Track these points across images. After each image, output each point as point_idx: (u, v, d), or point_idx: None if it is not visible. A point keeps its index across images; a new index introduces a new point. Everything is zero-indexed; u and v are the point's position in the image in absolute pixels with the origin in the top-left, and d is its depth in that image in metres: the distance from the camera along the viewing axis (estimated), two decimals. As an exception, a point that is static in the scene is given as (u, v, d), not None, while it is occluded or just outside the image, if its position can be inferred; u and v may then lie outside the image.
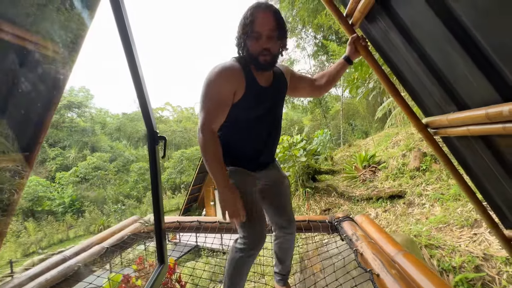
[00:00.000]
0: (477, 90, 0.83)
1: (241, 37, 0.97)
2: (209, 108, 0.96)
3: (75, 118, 26.35)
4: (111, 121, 31.03)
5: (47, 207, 16.75)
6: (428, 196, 4.43)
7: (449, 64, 0.88)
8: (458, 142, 1.05)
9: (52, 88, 1.34)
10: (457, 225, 3.31)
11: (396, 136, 7.33)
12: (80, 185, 18.92)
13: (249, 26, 0.92)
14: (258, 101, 1.04)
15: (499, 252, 2.68)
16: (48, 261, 1.30)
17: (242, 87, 0.98)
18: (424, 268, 1.01)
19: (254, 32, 0.93)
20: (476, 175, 1.09)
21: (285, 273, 1.38)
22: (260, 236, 1.08)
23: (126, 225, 1.81)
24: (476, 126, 0.85)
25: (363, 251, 1.22)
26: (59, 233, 15.27)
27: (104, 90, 58.05)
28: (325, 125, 13.79)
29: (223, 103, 0.97)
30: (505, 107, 0.71)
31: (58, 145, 23.28)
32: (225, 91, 0.96)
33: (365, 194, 5.61)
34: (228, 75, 0.95)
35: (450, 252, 2.88)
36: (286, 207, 1.25)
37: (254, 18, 0.92)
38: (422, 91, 1.05)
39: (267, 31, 0.93)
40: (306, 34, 14.83)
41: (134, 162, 22.85)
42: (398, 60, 1.09)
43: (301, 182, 6.38)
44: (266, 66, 0.98)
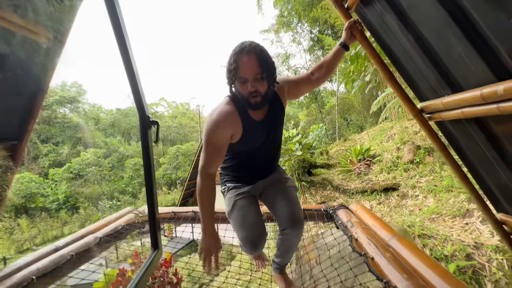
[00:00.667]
0: (472, 72, 0.83)
1: (230, 79, 1.00)
2: (208, 154, 1.04)
3: (67, 114, 25.87)
4: (104, 117, 30.58)
5: (40, 204, 16.53)
6: (422, 188, 4.50)
7: (445, 46, 0.88)
8: (452, 127, 1.05)
9: (40, 73, 1.30)
10: (450, 215, 3.37)
11: (391, 130, 7.39)
12: (74, 181, 18.68)
13: (234, 71, 0.95)
14: (256, 136, 1.11)
15: (489, 241, 2.74)
16: (40, 251, 1.28)
17: (240, 130, 1.06)
18: (418, 251, 1.02)
19: (239, 77, 0.95)
20: (469, 159, 1.09)
21: (282, 264, 1.40)
22: (251, 244, 1.13)
23: (120, 216, 1.79)
24: (471, 108, 0.85)
25: (358, 237, 1.23)
26: (54, 230, 15.10)
27: (97, 85, 57.02)
28: (321, 120, 13.83)
29: (221, 149, 1.06)
30: (500, 86, 0.71)
31: (51, 141, 22.88)
32: (222, 139, 1.04)
33: (360, 187, 5.67)
34: (224, 124, 1.02)
35: (443, 241, 2.94)
36: (287, 206, 1.21)
37: (238, 63, 0.93)
38: (418, 76, 1.05)
39: (252, 75, 0.93)
40: (302, 29, 14.75)
41: (129, 158, 22.62)
42: (394, 45, 1.08)
43: (296, 176, 6.41)
44: (258, 107, 1.01)
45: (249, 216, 1.17)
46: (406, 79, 1.11)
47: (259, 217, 1.20)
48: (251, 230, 1.13)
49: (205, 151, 1.04)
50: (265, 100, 1.01)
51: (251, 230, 1.13)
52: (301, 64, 15.62)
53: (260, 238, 1.14)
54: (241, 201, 1.20)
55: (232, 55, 0.95)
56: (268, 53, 0.98)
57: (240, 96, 1.01)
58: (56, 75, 1.45)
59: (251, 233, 1.13)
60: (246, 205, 1.19)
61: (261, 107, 1.02)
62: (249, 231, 1.13)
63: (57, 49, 1.36)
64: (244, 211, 1.17)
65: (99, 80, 54.40)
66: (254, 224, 1.15)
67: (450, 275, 0.85)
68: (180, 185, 19.30)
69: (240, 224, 1.16)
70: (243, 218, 1.16)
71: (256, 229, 1.14)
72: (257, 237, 1.13)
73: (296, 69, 15.27)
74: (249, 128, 1.06)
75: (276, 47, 16.41)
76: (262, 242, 1.16)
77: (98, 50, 58.49)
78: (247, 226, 1.14)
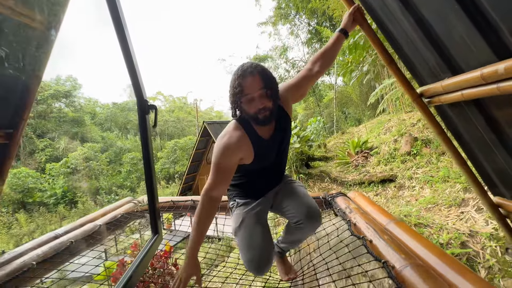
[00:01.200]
0: (473, 53, 0.83)
1: (235, 103, 1.00)
2: (215, 177, 1.02)
3: (63, 108, 25.57)
4: (101, 111, 30.27)
5: (38, 199, 16.49)
6: (418, 179, 4.55)
7: (446, 27, 0.87)
8: (451, 111, 1.05)
9: (34, 59, 1.27)
10: (445, 204, 3.42)
11: (388, 122, 7.42)
12: (71, 176, 18.61)
13: (240, 93, 0.96)
14: (267, 155, 1.12)
15: (484, 229, 2.79)
16: (39, 238, 1.28)
17: (251, 153, 1.06)
18: (415, 233, 1.04)
19: (246, 97, 0.96)
20: (467, 144, 1.10)
21: (286, 250, 1.42)
22: (256, 268, 1.10)
23: (119, 205, 1.79)
24: (470, 90, 0.85)
25: (356, 222, 1.24)
26: (52, 224, 15.12)
27: (92, 79, 56.17)
28: (319, 113, 13.82)
29: (229, 173, 1.05)
30: (501, 65, 0.71)
31: (47, 136, 22.66)
32: (231, 162, 1.03)
33: (358, 179, 5.72)
34: (234, 147, 1.01)
35: (438, 230, 2.99)
36: (302, 203, 1.20)
37: (243, 85, 0.95)
38: (418, 59, 1.04)
39: (259, 92, 0.95)
40: (300, 21, 14.57)
41: (127, 152, 22.53)
42: (395, 28, 1.07)
43: (295, 168, 6.44)
44: (267, 121, 1.01)
45: (257, 237, 1.12)
46: (406, 63, 1.11)
47: (268, 238, 1.16)
48: (258, 252, 1.09)
49: (213, 174, 1.02)
50: (273, 114, 1.01)
51: (258, 253, 1.09)
52: (299, 57, 15.50)
53: (267, 262, 1.11)
54: (250, 219, 1.15)
55: (235, 79, 0.97)
56: (269, 71, 1.01)
57: (248, 117, 1.01)
58: (51, 68, 1.42)
59: (257, 257, 1.09)
60: (254, 223, 1.15)
61: (270, 121, 1.02)
62: (255, 254, 1.09)
63: (51, 35, 1.33)
64: (252, 231, 1.13)
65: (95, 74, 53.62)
66: (261, 247, 1.10)
67: (447, 255, 0.86)
68: (178, 179, 19.32)
69: (246, 245, 1.12)
70: (251, 239, 1.12)
71: (263, 251, 1.10)
72: (264, 262, 1.10)
73: (294, 62, 15.15)
74: (260, 149, 1.06)
75: (274, 39, 16.25)
76: (268, 266, 1.12)
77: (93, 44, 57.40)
78: (254, 248, 1.10)
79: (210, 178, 1.03)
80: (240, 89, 0.95)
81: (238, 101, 0.98)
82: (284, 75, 15.11)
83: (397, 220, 1.17)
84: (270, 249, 1.15)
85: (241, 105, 0.98)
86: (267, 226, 1.20)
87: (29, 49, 1.29)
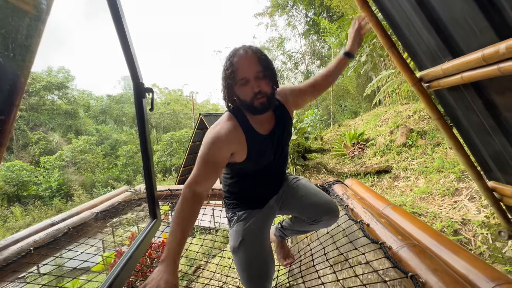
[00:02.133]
0: (474, 34, 0.82)
1: (227, 88, 0.89)
2: (200, 170, 0.89)
3: (56, 101, 25.09)
4: (95, 104, 29.80)
5: (33, 192, 16.37)
6: (413, 170, 4.61)
7: (448, 8, 0.86)
8: (450, 95, 1.05)
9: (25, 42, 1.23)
10: (439, 194, 3.48)
11: (385, 114, 7.45)
12: (66, 169, 18.45)
13: (233, 74, 0.85)
14: (263, 154, 0.99)
15: (476, 217, 2.86)
16: (36, 225, 1.27)
17: (243, 147, 0.93)
18: (411, 216, 1.05)
19: (240, 79, 0.85)
20: (465, 128, 1.11)
21: (288, 236, 1.38)
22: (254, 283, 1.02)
23: (116, 194, 1.78)
24: (471, 72, 0.84)
25: (353, 207, 1.25)
26: (48, 217, 15.06)
27: (85, 71, 55.03)
28: (315, 106, 13.80)
29: (216, 167, 0.91)
30: (502, 45, 0.70)
31: (40, 129, 22.31)
32: (220, 156, 0.90)
33: (354, 170, 5.77)
34: (224, 139, 0.89)
35: (432, 218, 3.05)
36: (317, 201, 1.11)
37: (235, 65, 0.84)
38: (418, 42, 1.03)
39: (254, 73, 0.85)
40: (297, 12, 14.36)
41: (123, 145, 22.35)
42: (396, 10, 1.05)
43: (291, 160, 6.47)
44: (264, 109, 0.89)
45: (258, 261, 1.02)
46: (406, 46, 1.10)
47: (269, 260, 1.05)
48: (259, 279, 1.01)
49: (198, 166, 0.89)
50: (272, 102, 0.90)
51: (259, 279, 1.01)
52: (295, 49, 15.35)
53: (268, 285, 1.03)
54: (250, 238, 1.03)
55: (227, 60, 0.86)
56: (264, 53, 0.91)
57: (242, 104, 0.90)
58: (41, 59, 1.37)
59: (258, 281, 1.01)
60: (255, 245, 1.03)
61: (268, 110, 0.91)
62: (256, 279, 1.01)
63: (42, 16, 1.29)
64: (252, 255, 1.02)
65: (88, 66, 52.44)
66: (262, 271, 1.01)
67: (442, 236, 0.88)
68: (175, 172, 19.31)
69: (246, 270, 1.02)
70: (250, 264, 1.01)
71: (263, 275, 1.02)
72: (265, 285, 1.02)
73: (291, 53, 15.01)
74: (254, 145, 0.94)
75: (270, 31, 16.02)
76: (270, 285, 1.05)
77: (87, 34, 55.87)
78: (255, 273, 1.01)
79: (195, 171, 0.89)
80: (232, 69, 0.84)
81: (231, 85, 0.87)
82: (281, 67, 14.99)
83: (393, 205, 1.18)
84: (272, 271, 1.06)
85: (235, 90, 0.88)
86: (269, 244, 1.10)
87: (19, 32, 1.25)
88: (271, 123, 0.99)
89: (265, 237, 1.08)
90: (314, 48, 14.72)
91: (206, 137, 0.92)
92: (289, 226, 1.30)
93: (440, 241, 0.85)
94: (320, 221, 1.11)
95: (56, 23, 18.06)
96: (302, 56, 14.97)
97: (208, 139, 0.90)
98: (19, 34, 1.20)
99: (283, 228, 1.35)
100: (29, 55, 1.30)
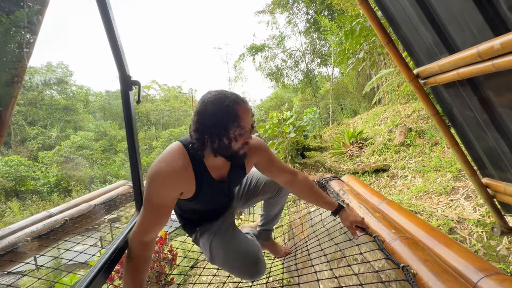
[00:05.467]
0: (470, 30, 0.83)
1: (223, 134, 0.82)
2: (146, 217, 0.82)
3: (54, 96, 24.98)
4: (93, 100, 29.69)
5: (31, 187, 16.33)
6: (411, 169, 4.63)
7: (445, 3, 0.86)
8: (446, 91, 1.06)
9: (24, 31, 1.22)
10: (436, 193, 3.51)
11: (384, 113, 7.47)
12: (65, 164, 18.41)
13: (236, 124, 0.82)
14: (211, 195, 0.97)
15: (472, 215, 2.88)
16: (33, 216, 1.28)
17: (192, 188, 0.89)
18: (405, 211, 1.07)
19: (242, 128, 0.83)
20: (460, 125, 1.12)
21: (268, 230, 1.39)
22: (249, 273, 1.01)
23: (114, 187, 1.79)
24: (466, 68, 0.85)
25: (349, 202, 1.27)
26: (46, 213, 15.06)
27: (84, 67, 54.70)
28: (315, 104, 13.81)
29: (164, 211, 0.85)
30: (497, 41, 0.71)
31: (38, 124, 22.23)
32: (167, 199, 0.84)
33: (352, 168, 5.79)
34: (171, 182, 0.82)
35: (428, 216, 3.08)
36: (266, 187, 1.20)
37: (241, 116, 0.82)
38: (415, 38, 1.04)
39: (251, 125, 0.87)
40: (298, 9, 14.30)
41: (122, 142, 22.31)
42: (394, 6, 1.06)
43: (290, 157, 6.48)
44: (243, 158, 0.89)
45: (234, 248, 1.02)
46: (403, 42, 1.10)
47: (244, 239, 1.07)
48: (243, 261, 1.00)
49: (144, 212, 0.82)
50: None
51: (243, 262, 1.00)
52: (296, 47, 15.30)
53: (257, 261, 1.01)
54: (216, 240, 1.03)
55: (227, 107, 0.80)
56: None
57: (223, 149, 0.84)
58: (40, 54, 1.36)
59: (243, 265, 1.00)
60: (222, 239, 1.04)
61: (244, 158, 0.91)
62: (241, 264, 1.00)
63: (41, 8, 1.28)
64: (225, 248, 1.02)
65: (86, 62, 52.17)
66: (243, 256, 1.01)
67: (435, 230, 0.89)
68: (173, 169, 19.24)
69: (229, 264, 1.02)
70: (227, 255, 1.01)
71: (248, 259, 1.01)
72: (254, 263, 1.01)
73: (291, 52, 14.97)
74: (203, 187, 0.90)
75: (271, 29, 15.92)
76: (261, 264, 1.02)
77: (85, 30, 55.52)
78: (238, 264, 1.00)
79: (141, 219, 0.82)
80: (237, 120, 0.81)
81: (231, 133, 0.81)
82: (281, 65, 14.96)
83: (388, 200, 1.20)
84: (254, 247, 1.05)
85: (231, 138, 0.82)
86: (240, 236, 1.11)
87: (18, 23, 1.24)
88: (225, 169, 0.97)
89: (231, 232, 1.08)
90: (315, 47, 14.68)
91: (152, 174, 0.81)
92: (264, 218, 1.35)
93: (433, 234, 0.87)
94: (281, 190, 1.21)
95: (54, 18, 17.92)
96: (302, 54, 14.93)
97: (155, 178, 0.81)
98: (18, 25, 1.20)
99: (262, 226, 1.37)
100: (28, 46, 1.30)
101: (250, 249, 1.03)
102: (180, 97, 33.03)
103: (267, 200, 1.29)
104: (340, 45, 5.95)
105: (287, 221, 2.49)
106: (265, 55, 14.81)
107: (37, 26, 1.36)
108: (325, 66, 14.67)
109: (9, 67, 1.36)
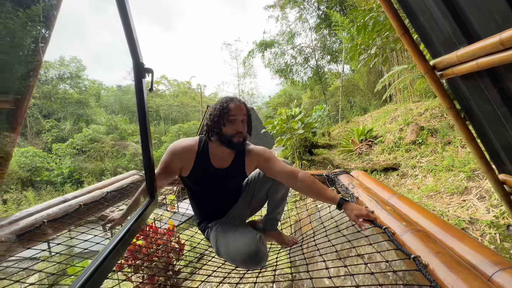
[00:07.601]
0: (492, 16, 0.79)
1: (217, 121, 1.11)
2: (160, 163, 1.16)
3: (68, 90, 25.65)
4: (105, 94, 30.30)
5: (45, 178, 16.92)
6: (422, 168, 4.53)
7: (465, -10, 0.83)
8: (463, 83, 1.03)
9: (40, 22, 1.26)
10: (448, 192, 3.42)
11: (395, 112, 7.31)
12: (77, 156, 18.95)
13: (227, 114, 1.10)
14: (204, 180, 1.19)
15: (484, 216, 2.80)
16: (49, 202, 1.32)
17: (190, 166, 1.15)
18: (417, 205, 1.04)
19: (231, 117, 1.10)
20: (478, 119, 1.08)
21: (274, 220, 1.41)
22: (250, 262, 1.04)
23: (125, 177, 1.83)
24: (487, 57, 0.82)
25: (358, 196, 1.25)
26: (59, 203, 15.58)
27: (96, 62, 55.83)
28: (324, 101, 13.64)
29: (167, 172, 1.15)
30: (521, 27, 0.68)
31: (53, 117, 22.91)
32: (171, 164, 1.15)
33: (360, 166, 5.71)
34: (177, 154, 1.14)
35: (439, 216, 3.01)
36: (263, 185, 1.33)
37: (231, 107, 1.10)
38: (433, 28, 1.01)
39: (241, 117, 1.12)
40: (309, 4, 14.07)
41: (132, 135, 22.75)
42: (411, -5, 1.02)
43: (297, 154, 6.44)
44: (238, 146, 1.13)
45: (235, 238, 1.11)
46: (420, 33, 1.07)
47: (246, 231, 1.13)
48: (244, 250, 1.05)
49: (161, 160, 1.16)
50: (244, 142, 1.16)
51: (244, 250, 1.05)
52: (306, 43, 15.09)
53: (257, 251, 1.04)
54: (221, 232, 1.19)
55: (221, 103, 1.11)
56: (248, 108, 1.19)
57: (221, 136, 1.12)
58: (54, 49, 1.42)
59: (244, 254, 1.04)
60: (227, 232, 1.17)
61: (240, 147, 1.15)
62: (242, 253, 1.05)
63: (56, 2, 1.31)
64: (229, 239, 1.13)
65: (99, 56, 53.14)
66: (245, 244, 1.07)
67: (447, 224, 0.87)
68: (181, 164, 19.50)
69: (232, 255, 1.09)
70: (230, 249, 1.10)
71: (247, 246, 1.05)
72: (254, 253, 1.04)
73: (301, 48, 14.78)
74: (199, 169, 1.15)
75: (281, 25, 15.71)
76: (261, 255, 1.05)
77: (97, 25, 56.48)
78: (238, 249, 1.06)
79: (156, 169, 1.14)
80: (227, 110, 1.09)
81: (222, 120, 1.10)
82: (291, 61, 14.80)
83: (399, 195, 1.17)
84: (253, 240, 1.08)
85: (224, 124, 1.10)
86: (242, 227, 1.20)
87: (35, 16, 1.28)
88: (227, 161, 1.20)
89: (236, 228, 1.20)
90: (325, 43, 14.44)
91: (171, 145, 1.17)
92: (269, 205, 1.39)
93: (446, 228, 0.85)
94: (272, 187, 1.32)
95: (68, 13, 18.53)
96: (312, 50, 14.72)
97: (170, 147, 1.16)
98: (34, 19, 1.23)
99: (268, 214, 1.41)
100: (43, 41, 1.34)
101: (249, 241, 1.08)
102: (189, 92, 33.29)
103: (269, 188, 1.34)
104: (352, 41, 5.82)
105: (294, 215, 2.49)
106: (275, 51, 14.68)
107: (53, 21, 1.39)
108: (335, 63, 14.43)
109: (25, 61, 1.41)
